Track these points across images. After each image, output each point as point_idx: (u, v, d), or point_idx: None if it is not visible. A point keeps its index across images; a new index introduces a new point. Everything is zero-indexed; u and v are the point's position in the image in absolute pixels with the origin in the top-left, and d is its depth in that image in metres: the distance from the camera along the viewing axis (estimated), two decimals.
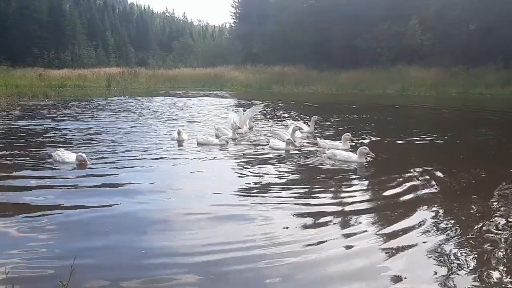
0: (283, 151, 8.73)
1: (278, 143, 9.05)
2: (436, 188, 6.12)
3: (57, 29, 67.04)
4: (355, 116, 16.55)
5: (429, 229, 4.57)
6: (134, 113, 16.93)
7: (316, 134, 11.27)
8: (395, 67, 37.77)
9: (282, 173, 7.04)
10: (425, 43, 38.95)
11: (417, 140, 10.51)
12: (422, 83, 33.11)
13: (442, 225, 4.77)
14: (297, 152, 8.79)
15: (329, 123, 14.10)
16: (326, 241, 4.30)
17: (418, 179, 6.57)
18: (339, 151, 8.07)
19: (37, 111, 16.81)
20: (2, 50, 53.59)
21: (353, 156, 7.78)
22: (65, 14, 69.72)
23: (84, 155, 7.24)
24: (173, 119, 14.95)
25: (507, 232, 4.51)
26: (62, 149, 7.69)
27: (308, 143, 10.01)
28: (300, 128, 11.13)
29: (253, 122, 12.90)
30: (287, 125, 11.88)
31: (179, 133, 9.69)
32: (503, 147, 10.29)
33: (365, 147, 7.74)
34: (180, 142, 9.61)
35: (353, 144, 9.24)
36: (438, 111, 20.19)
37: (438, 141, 10.51)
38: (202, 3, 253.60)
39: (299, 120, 13.13)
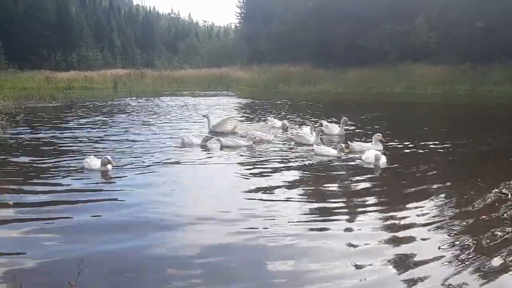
0: (331, 157, 8.25)
1: (327, 149, 8.52)
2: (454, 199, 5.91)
3: (63, 31, 67.46)
4: (368, 115, 16.36)
5: (443, 244, 4.44)
6: (145, 114, 16.85)
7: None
8: (401, 65, 37.51)
9: (300, 178, 6.86)
10: (432, 41, 38.69)
11: (436, 142, 10.13)
12: (429, 81, 32.92)
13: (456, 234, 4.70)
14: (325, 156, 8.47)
15: (351, 123, 13.64)
16: (331, 250, 4.21)
17: (434, 185, 6.40)
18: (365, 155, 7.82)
19: (47, 114, 16.86)
20: (9, 52, 54.01)
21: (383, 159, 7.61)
22: (71, 16, 70.13)
23: (109, 157, 7.05)
24: (188, 121, 14.83)
25: None
26: (92, 156, 7.43)
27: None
28: (323, 131, 10.75)
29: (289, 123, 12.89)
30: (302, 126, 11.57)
31: (206, 140, 9.38)
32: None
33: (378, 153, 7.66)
34: (204, 147, 9.23)
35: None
36: (450, 108, 20.07)
37: (458, 142, 10.26)
38: (207, 3, 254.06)
39: (327, 121, 12.48)
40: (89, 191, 6.10)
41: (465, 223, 4.79)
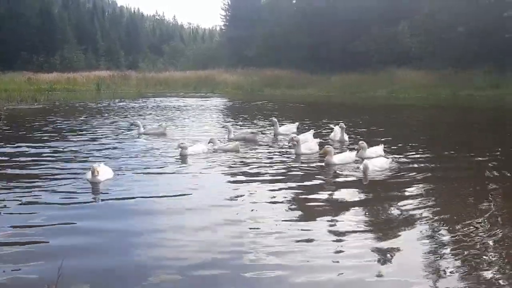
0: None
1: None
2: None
3: (46, 32, 66.43)
4: (361, 118, 16.35)
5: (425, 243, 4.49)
6: (133, 117, 16.62)
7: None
8: (385, 70, 37.90)
9: (294, 183, 6.75)
10: (415, 46, 39.22)
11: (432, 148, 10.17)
12: (412, 85, 33.33)
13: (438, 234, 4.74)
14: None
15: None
16: (318, 256, 4.19)
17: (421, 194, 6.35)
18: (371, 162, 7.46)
19: (28, 118, 16.59)
20: None
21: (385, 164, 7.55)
22: (54, 17, 69.15)
23: (94, 165, 6.55)
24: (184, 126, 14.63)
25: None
26: (100, 164, 6.88)
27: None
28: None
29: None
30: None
31: (182, 147, 8.59)
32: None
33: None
34: (183, 157, 8.57)
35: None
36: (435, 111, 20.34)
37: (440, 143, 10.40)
38: (192, 6, 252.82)
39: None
40: (68, 198, 5.94)
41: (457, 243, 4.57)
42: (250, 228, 4.81)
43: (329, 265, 3.98)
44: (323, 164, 8.02)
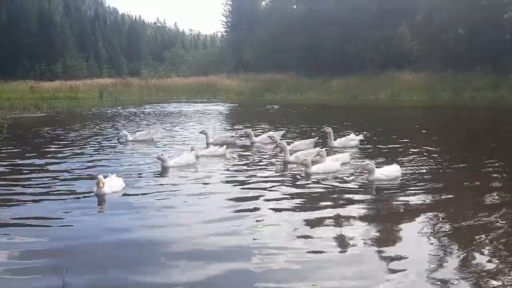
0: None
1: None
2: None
3: (48, 41, 66.96)
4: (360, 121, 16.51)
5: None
6: (130, 124, 16.67)
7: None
8: (385, 73, 37.94)
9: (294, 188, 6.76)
10: (415, 48, 39.28)
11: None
12: (412, 88, 33.30)
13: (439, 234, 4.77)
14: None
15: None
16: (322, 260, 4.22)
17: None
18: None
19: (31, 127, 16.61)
20: None
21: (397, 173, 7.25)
22: (55, 25, 69.68)
23: (100, 176, 6.40)
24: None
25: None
26: (111, 175, 6.79)
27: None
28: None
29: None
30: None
31: (161, 158, 8.21)
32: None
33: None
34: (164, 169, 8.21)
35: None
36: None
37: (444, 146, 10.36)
38: (193, 12, 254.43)
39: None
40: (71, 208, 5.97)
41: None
42: (257, 262, 4.30)
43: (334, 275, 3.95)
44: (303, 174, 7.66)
